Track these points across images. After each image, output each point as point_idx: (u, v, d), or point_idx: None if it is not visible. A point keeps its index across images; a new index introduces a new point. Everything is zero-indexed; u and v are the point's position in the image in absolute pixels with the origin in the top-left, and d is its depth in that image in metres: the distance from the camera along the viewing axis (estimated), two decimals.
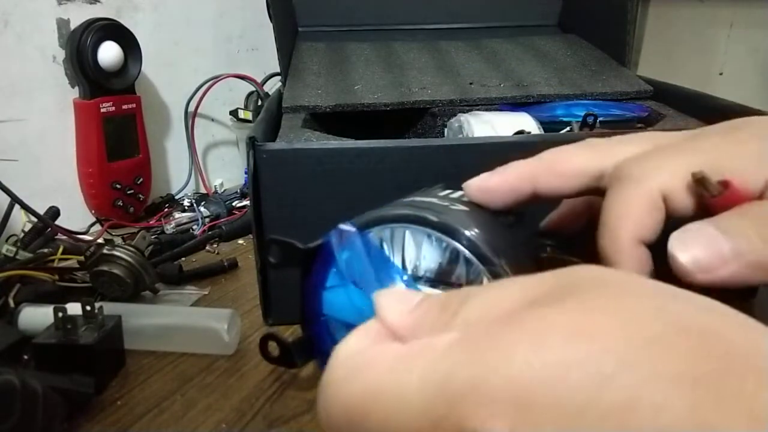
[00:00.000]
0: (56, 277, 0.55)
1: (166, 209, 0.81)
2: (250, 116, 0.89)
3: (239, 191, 0.84)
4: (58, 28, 0.72)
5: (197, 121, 0.90)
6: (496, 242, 0.22)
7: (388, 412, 0.15)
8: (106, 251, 0.53)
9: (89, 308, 0.43)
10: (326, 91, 0.65)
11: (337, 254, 0.23)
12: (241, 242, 0.72)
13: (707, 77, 0.99)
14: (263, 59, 0.97)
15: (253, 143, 0.46)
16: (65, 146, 0.75)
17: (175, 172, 0.90)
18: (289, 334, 0.49)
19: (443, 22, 0.89)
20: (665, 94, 0.67)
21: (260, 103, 0.89)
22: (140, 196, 0.80)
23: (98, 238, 0.68)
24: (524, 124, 0.57)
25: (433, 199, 0.25)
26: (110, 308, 0.45)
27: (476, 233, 0.22)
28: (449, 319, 0.17)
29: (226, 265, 0.63)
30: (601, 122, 0.58)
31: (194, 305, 0.56)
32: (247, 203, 0.80)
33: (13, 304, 0.50)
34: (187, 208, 0.80)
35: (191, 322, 0.48)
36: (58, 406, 0.36)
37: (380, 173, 0.46)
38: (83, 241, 0.66)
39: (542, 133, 0.57)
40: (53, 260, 0.56)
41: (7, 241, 0.60)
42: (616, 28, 0.76)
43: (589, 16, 0.84)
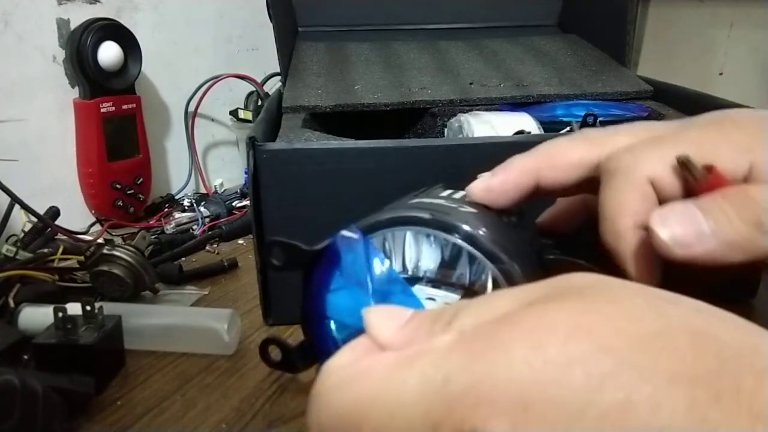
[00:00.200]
0: (56, 277, 0.55)
1: (166, 209, 0.81)
2: (250, 116, 0.89)
3: (239, 191, 0.84)
4: (58, 28, 0.72)
5: (197, 121, 0.90)
6: (504, 242, 0.23)
7: (384, 419, 0.15)
8: (106, 251, 0.53)
9: (89, 308, 0.43)
10: (326, 91, 0.65)
11: (342, 257, 0.23)
12: (241, 242, 0.72)
13: (707, 77, 0.99)
14: (263, 59, 0.97)
15: (253, 143, 0.46)
16: (65, 146, 0.75)
17: (175, 172, 0.90)
18: (288, 334, 0.49)
19: (443, 22, 0.89)
20: (665, 94, 0.67)
21: (260, 103, 0.89)
22: (140, 196, 0.80)
23: (98, 238, 0.68)
24: (524, 124, 0.57)
25: (439, 200, 0.25)
26: (110, 308, 0.45)
27: (485, 233, 0.22)
28: (442, 329, 0.17)
29: (226, 265, 0.63)
30: (601, 122, 0.58)
31: (194, 305, 0.56)
32: (247, 203, 0.80)
33: (13, 304, 0.50)
34: (187, 208, 0.80)
35: (191, 322, 0.48)
36: (58, 406, 0.36)
37: (380, 173, 0.46)
38: (83, 241, 0.66)
39: (542, 133, 0.57)
40: (53, 260, 0.56)
41: (7, 241, 0.60)
42: (616, 28, 0.76)
43: (589, 16, 0.84)
